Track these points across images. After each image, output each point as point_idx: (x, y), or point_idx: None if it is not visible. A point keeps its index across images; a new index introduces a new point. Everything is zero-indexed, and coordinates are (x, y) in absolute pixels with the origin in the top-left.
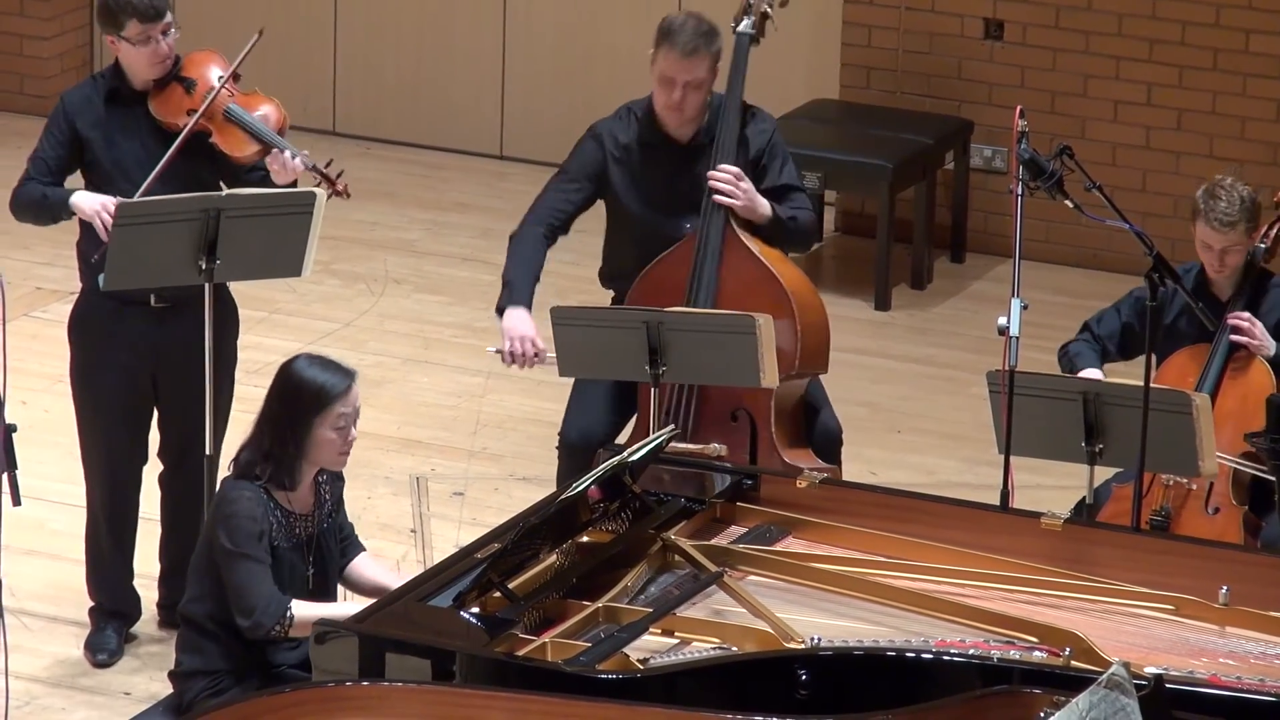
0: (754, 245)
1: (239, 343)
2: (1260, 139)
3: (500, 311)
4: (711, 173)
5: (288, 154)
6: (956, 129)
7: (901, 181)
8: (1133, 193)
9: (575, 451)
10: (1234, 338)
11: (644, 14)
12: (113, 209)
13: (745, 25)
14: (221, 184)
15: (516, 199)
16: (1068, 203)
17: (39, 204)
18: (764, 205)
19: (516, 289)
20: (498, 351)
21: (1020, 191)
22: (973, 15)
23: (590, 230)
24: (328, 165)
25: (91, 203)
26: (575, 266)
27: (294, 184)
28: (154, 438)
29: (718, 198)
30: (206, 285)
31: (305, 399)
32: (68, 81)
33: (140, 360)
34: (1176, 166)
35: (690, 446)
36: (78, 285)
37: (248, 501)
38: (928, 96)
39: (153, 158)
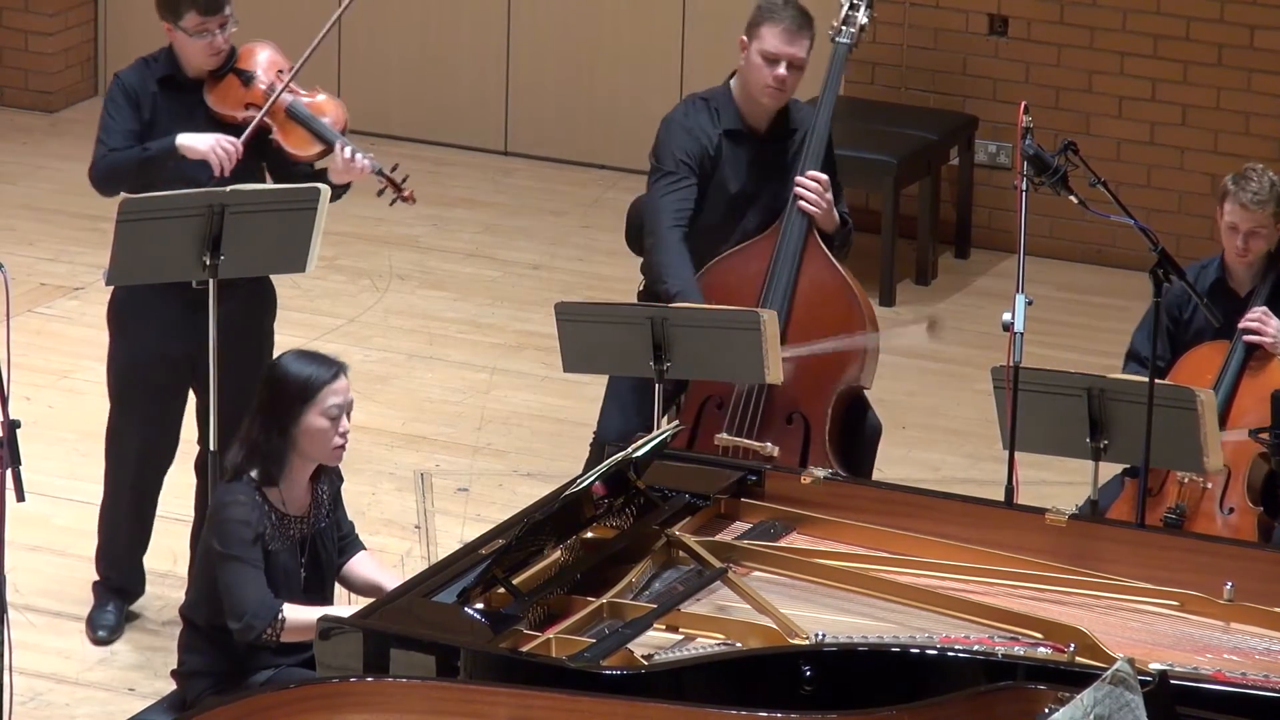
0: (833, 255)
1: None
2: (1265, 134)
3: None
4: (799, 178)
5: (357, 155)
6: (961, 125)
7: (906, 177)
8: (1137, 188)
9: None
10: (1247, 338)
11: (648, 10)
12: (225, 144)
13: (845, 35)
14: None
15: (521, 194)
16: (1072, 198)
17: (138, 162)
18: (837, 217)
19: (692, 296)
20: None
21: (1025, 187)
22: (977, 11)
23: (596, 226)
24: (394, 170)
25: (204, 140)
26: (581, 263)
27: (348, 186)
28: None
29: (802, 205)
30: (211, 281)
31: (293, 389)
32: (71, 78)
33: (179, 342)
34: (1181, 162)
35: (748, 443)
36: (82, 281)
37: (241, 505)
38: (932, 92)
39: None
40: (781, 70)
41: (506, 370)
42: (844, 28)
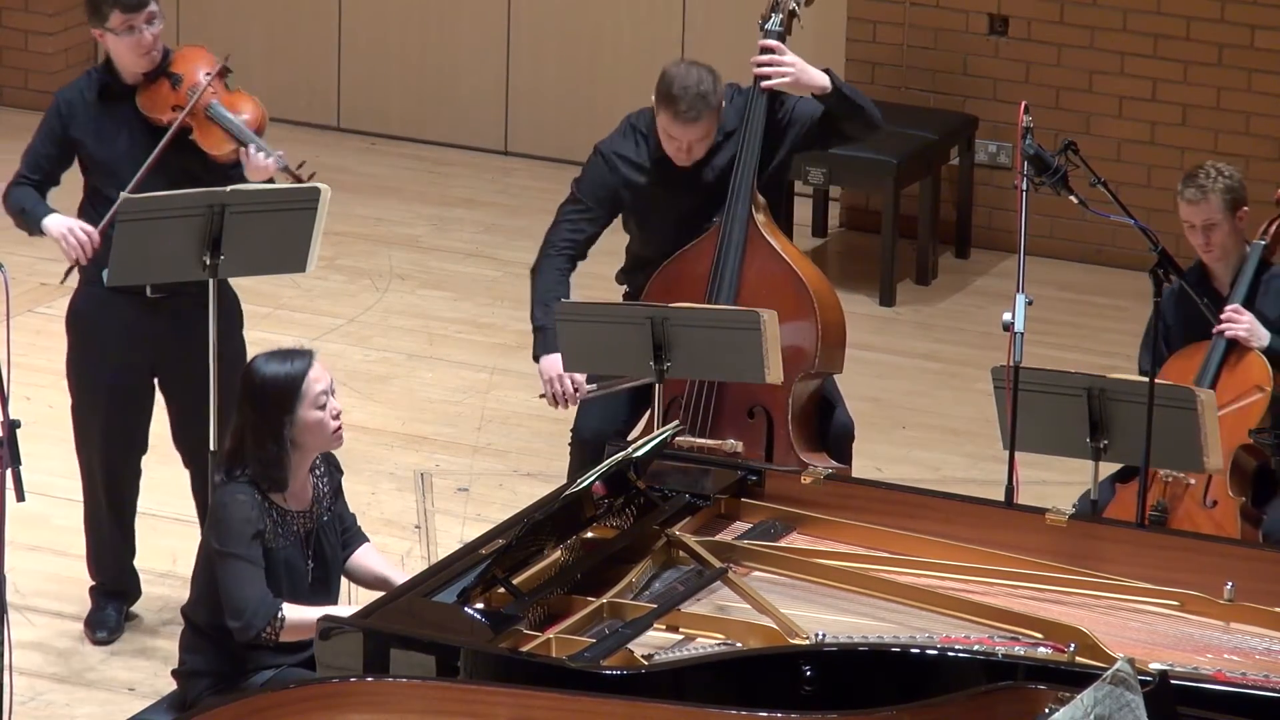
0: (776, 242)
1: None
2: (1265, 134)
3: (536, 358)
4: (755, 58)
5: (261, 154)
6: (961, 125)
7: (906, 177)
8: (1137, 188)
9: (587, 448)
10: (1224, 330)
11: (648, 10)
12: (79, 232)
13: (773, 22)
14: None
15: (521, 195)
16: (1072, 198)
17: (20, 214)
18: (819, 75)
19: (549, 336)
20: (541, 396)
21: (1025, 187)
22: (977, 11)
23: None
24: (300, 166)
25: (59, 226)
26: (581, 263)
27: (270, 181)
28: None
29: (766, 84)
30: (210, 280)
31: (276, 394)
32: (71, 78)
33: (136, 349)
34: (1181, 162)
35: (707, 442)
36: None
37: (241, 504)
38: (932, 92)
39: (142, 152)
40: (683, 146)
41: (506, 370)
42: (773, 14)
